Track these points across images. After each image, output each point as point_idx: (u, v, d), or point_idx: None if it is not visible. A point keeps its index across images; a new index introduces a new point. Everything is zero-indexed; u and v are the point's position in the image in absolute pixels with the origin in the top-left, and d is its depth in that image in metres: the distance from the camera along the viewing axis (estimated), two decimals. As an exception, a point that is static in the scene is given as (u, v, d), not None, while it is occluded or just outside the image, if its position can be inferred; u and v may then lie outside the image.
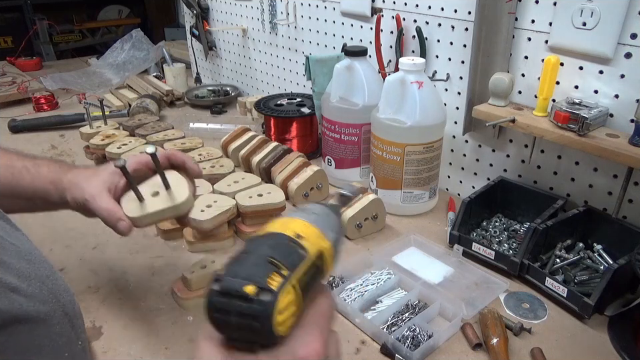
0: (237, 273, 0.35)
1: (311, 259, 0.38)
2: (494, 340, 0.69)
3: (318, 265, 0.39)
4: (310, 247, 0.38)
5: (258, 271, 0.34)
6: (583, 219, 0.87)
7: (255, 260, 0.35)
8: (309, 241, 0.39)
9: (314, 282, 0.39)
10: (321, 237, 0.40)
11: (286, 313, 0.35)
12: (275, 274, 0.35)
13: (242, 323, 0.34)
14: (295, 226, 0.39)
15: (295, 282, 0.36)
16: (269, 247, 0.37)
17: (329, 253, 0.40)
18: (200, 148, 1.25)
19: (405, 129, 0.96)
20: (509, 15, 0.91)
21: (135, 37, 1.98)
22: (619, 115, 0.82)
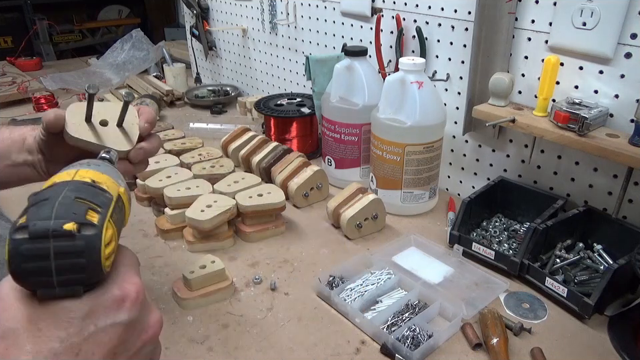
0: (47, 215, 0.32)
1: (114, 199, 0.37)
2: (494, 340, 0.69)
3: (121, 207, 0.39)
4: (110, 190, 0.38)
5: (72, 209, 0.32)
6: (582, 219, 0.87)
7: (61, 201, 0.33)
8: (107, 185, 0.38)
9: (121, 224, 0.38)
10: (115, 183, 0.40)
11: (110, 247, 0.34)
12: (90, 211, 0.33)
13: (63, 264, 0.31)
14: (86, 174, 0.38)
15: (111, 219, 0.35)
16: (71, 190, 0.34)
17: (125, 197, 0.40)
18: (200, 148, 1.25)
19: (405, 129, 0.96)
20: (509, 15, 0.91)
21: (135, 37, 1.98)
22: (619, 115, 0.82)
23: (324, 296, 0.81)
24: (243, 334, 0.74)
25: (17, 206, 0.37)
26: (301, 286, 0.84)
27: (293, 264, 0.90)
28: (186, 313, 0.78)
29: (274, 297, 0.82)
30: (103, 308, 0.34)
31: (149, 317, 0.38)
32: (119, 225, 0.38)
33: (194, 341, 0.72)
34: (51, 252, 0.31)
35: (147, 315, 0.38)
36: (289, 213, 1.05)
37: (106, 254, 0.33)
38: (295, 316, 0.78)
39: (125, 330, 0.35)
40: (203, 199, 0.95)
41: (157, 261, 0.91)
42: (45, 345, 0.32)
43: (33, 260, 0.31)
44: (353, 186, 1.01)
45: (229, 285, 0.81)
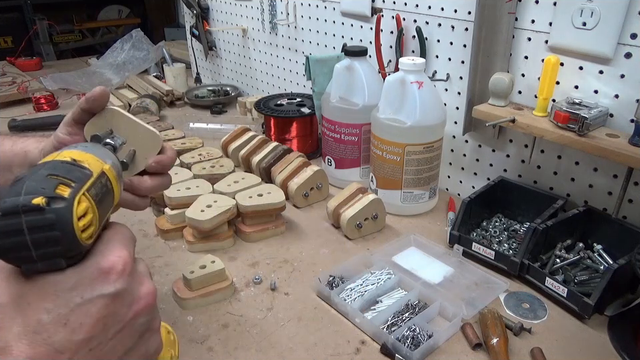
0: (16, 192, 0.32)
1: (96, 175, 0.37)
2: (494, 340, 0.69)
3: (105, 183, 0.38)
4: (91, 168, 0.38)
5: (42, 185, 0.33)
6: (583, 219, 0.87)
7: (33, 178, 0.33)
8: (88, 163, 0.38)
9: (106, 200, 0.38)
10: (99, 161, 0.39)
11: (85, 220, 0.34)
12: (61, 185, 0.33)
13: (39, 238, 0.32)
14: (67, 154, 0.38)
15: (85, 192, 0.35)
16: (46, 169, 0.35)
17: (112, 174, 0.40)
18: (200, 148, 1.25)
19: (405, 129, 0.96)
20: (508, 14, 0.91)
21: (135, 36, 1.98)
22: (619, 115, 0.82)
23: (324, 296, 0.81)
24: (242, 334, 0.74)
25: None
26: (301, 286, 0.84)
27: (292, 264, 0.90)
28: (186, 313, 0.78)
29: (274, 296, 0.82)
30: (88, 280, 0.35)
31: (140, 289, 0.38)
32: (103, 201, 0.38)
33: (194, 341, 0.72)
34: (24, 227, 0.32)
35: (138, 286, 0.38)
36: (289, 213, 1.05)
37: (80, 226, 0.34)
38: (295, 316, 0.78)
39: (113, 301, 0.35)
40: (203, 199, 0.95)
41: (157, 260, 0.91)
42: (33, 316, 0.33)
43: (8, 235, 0.32)
44: (352, 186, 1.01)
45: (229, 285, 0.81)
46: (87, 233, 0.35)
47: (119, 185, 0.41)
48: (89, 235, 0.35)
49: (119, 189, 0.41)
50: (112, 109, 0.57)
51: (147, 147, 0.58)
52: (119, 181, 0.42)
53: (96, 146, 0.43)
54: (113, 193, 0.40)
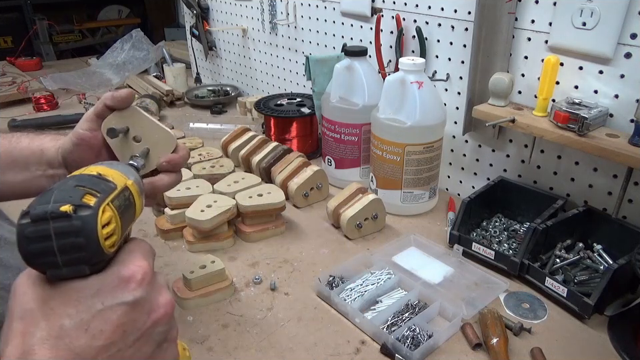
0: (46, 201, 0.34)
1: (120, 188, 0.39)
2: (494, 340, 0.69)
3: (128, 197, 0.40)
4: (115, 182, 0.39)
5: (69, 194, 0.35)
6: (582, 219, 0.87)
7: (61, 188, 0.35)
8: (113, 177, 0.40)
9: (128, 212, 0.40)
10: (123, 176, 0.41)
11: (109, 228, 0.36)
12: (87, 195, 0.35)
13: (65, 244, 0.33)
14: (93, 169, 0.40)
15: (111, 203, 0.37)
16: (74, 180, 0.37)
17: (135, 189, 0.42)
18: (200, 148, 1.25)
19: (405, 129, 0.96)
20: (508, 14, 0.91)
21: (135, 36, 1.98)
22: (619, 115, 0.82)
23: (324, 296, 0.81)
24: (242, 334, 0.74)
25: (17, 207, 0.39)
26: (301, 286, 0.84)
27: (292, 264, 0.90)
28: (186, 313, 0.78)
29: (274, 297, 0.82)
30: (109, 287, 0.36)
31: (159, 298, 0.39)
32: (126, 213, 0.39)
33: (194, 341, 0.72)
34: (52, 232, 0.33)
35: (157, 295, 0.39)
36: (289, 213, 1.05)
37: (104, 234, 0.35)
38: (295, 316, 0.78)
39: (132, 309, 0.37)
40: (203, 199, 0.95)
41: (157, 261, 0.91)
42: (56, 321, 0.34)
43: (36, 241, 0.33)
44: (352, 186, 1.01)
45: (229, 285, 0.81)
46: (109, 242, 0.36)
47: (140, 199, 0.43)
48: (112, 244, 0.36)
49: (140, 204, 0.43)
50: (130, 107, 0.58)
51: (161, 146, 0.59)
52: (141, 195, 0.43)
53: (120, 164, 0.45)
54: (135, 207, 0.42)
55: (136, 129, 0.58)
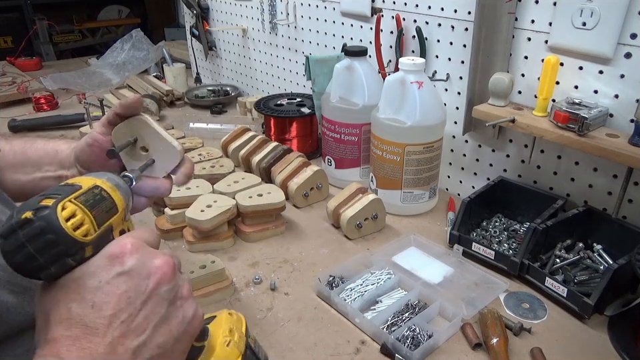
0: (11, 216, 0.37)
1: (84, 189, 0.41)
2: (494, 340, 0.69)
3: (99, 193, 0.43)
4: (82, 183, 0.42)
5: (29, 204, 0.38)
6: (582, 219, 0.87)
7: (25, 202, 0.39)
8: (81, 181, 0.43)
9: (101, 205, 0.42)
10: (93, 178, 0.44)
11: (75, 219, 0.38)
12: (46, 199, 0.38)
13: (39, 245, 0.36)
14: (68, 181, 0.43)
15: (72, 199, 0.39)
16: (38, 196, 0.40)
17: (107, 185, 0.44)
18: (200, 148, 1.25)
19: (405, 129, 0.96)
20: (508, 15, 0.91)
21: (135, 36, 1.98)
22: (619, 115, 0.82)
23: (324, 296, 0.81)
24: (242, 334, 0.74)
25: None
26: (301, 286, 0.84)
27: (292, 264, 0.90)
28: (186, 313, 0.78)
29: (274, 296, 0.82)
30: (102, 266, 0.39)
31: (154, 261, 0.41)
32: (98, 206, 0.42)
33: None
34: (23, 240, 0.36)
35: (151, 259, 0.41)
36: (289, 213, 1.05)
37: (70, 225, 0.38)
38: (295, 316, 0.78)
39: (130, 277, 0.39)
40: (203, 199, 0.95)
41: (157, 261, 0.91)
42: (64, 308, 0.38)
43: (15, 252, 0.36)
44: (352, 186, 1.01)
45: (229, 285, 0.81)
46: (80, 231, 0.38)
47: (117, 193, 0.45)
48: (84, 232, 0.39)
49: (119, 197, 0.45)
50: (139, 118, 0.59)
51: (167, 159, 0.60)
52: (118, 190, 0.45)
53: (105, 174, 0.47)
54: (112, 200, 0.44)
55: (144, 140, 0.59)
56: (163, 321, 0.40)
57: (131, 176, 0.53)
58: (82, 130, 1.34)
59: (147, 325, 0.39)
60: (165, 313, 0.41)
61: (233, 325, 0.50)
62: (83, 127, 1.35)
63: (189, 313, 0.43)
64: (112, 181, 0.46)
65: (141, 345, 0.39)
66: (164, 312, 0.41)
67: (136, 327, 0.39)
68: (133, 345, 0.38)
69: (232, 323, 0.51)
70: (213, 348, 0.47)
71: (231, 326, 0.50)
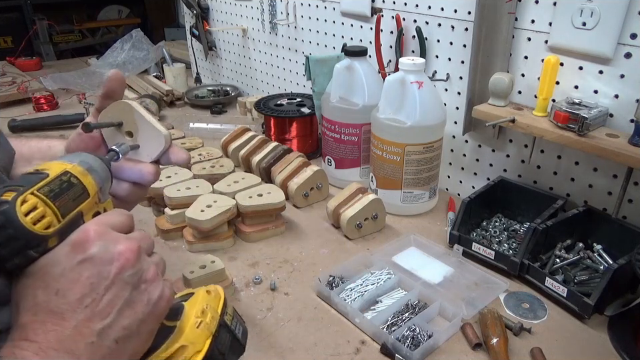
0: None
1: (51, 177, 0.41)
2: (494, 340, 0.69)
3: (67, 180, 0.43)
4: (50, 170, 0.42)
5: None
6: (582, 219, 0.87)
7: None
8: (50, 168, 0.42)
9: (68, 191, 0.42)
10: (62, 163, 0.44)
11: (35, 214, 0.38)
12: (7, 192, 0.38)
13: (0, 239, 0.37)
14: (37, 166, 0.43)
15: (35, 191, 0.39)
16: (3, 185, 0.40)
17: (77, 170, 0.44)
18: (200, 148, 1.25)
19: (405, 129, 0.96)
20: (508, 15, 0.91)
21: (135, 36, 1.98)
22: (619, 115, 0.82)
23: (324, 296, 0.81)
24: (242, 334, 0.74)
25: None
26: (301, 286, 0.84)
27: (292, 264, 0.90)
28: (186, 313, 0.78)
29: (274, 296, 0.82)
30: (65, 254, 0.40)
31: (117, 247, 0.42)
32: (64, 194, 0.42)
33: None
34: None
35: (114, 245, 0.42)
36: (289, 213, 1.05)
37: (29, 219, 0.38)
38: (295, 316, 0.78)
39: (92, 263, 0.41)
40: (203, 199, 0.95)
41: (157, 261, 0.91)
42: (31, 298, 0.39)
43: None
44: (352, 186, 1.01)
45: (229, 285, 0.81)
46: (41, 224, 0.39)
47: (89, 177, 0.45)
48: (46, 225, 0.39)
49: (90, 181, 0.45)
50: (124, 101, 0.59)
51: (152, 144, 0.59)
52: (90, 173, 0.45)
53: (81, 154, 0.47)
54: (82, 185, 0.44)
55: (129, 124, 0.59)
56: (127, 304, 0.42)
57: (117, 149, 0.52)
58: (82, 130, 1.34)
59: (111, 309, 0.41)
60: (128, 296, 0.42)
61: (207, 304, 0.49)
62: (83, 127, 1.35)
63: (154, 295, 0.44)
64: (84, 164, 0.45)
65: (106, 327, 0.40)
66: (127, 295, 0.42)
67: (100, 310, 0.40)
68: (98, 328, 0.40)
69: (207, 301, 0.50)
70: (183, 329, 0.46)
71: (204, 305, 0.49)
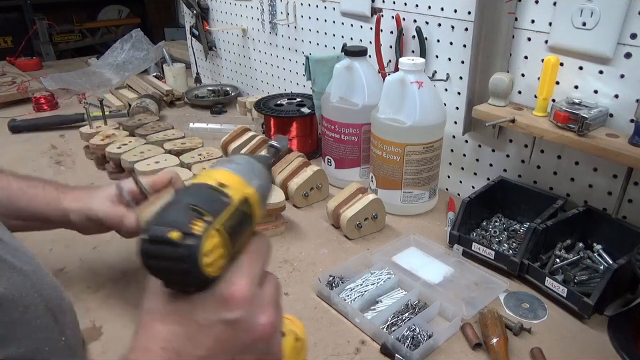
0: (162, 220, 0.37)
1: (234, 205, 0.40)
2: (494, 340, 0.69)
3: (244, 210, 0.41)
4: (233, 194, 0.40)
5: (181, 218, 0.37)
6: (582, 219, 0.87)
7: (178, 208, 0.38)
8: (232, 188, 0.40)
9: (242, 227, 0.41)
10: (244, 184, 0.42)
11: (213, 255, 0.37)
12: (197, 220, 0.37)
13: (173, 266, 0.36)
14: (217, 175, 0.41)
15: (220, 226, 0.38)
16: (191, 195, 0.39)
17: (254, 198, 0.42)
18: (200, 148, 1.25)
19: (404, 129, 0.96)
20: (508, 14, 0.91)
21: (135, 37, 1.98)
22: (619, 115, 0.82)
23: (324, 296, 0.81)
24: (242, 334, 0.74)
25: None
26: (301, 286, 0.84)
27: (292, 264, 0.90)
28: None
29: (274, 296, 0.82)
30: (211, 305, 0.39)
31: (260, 317, 0.41)
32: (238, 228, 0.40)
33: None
34: (162, 254, 0.36)
35: (258, 315, 0.41)
36: (288, 213, 1.05)
37: (205, 262, 0.37)
38: (295, 316, 0.77)
39: (232, 327, 0.39)
40: (203, 199, 0.95)
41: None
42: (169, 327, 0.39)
43: (151, 258, 0.37)
44: (352, 186, 1.01)
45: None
46: (212, 268, 0.38)
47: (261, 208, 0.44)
48: (217, 268, 0.38)
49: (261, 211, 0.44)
50: None
51: None
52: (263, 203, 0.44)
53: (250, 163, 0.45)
54: (252, 217, 0.43)
55: None
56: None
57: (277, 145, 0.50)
58: (82, 130, 1.34)
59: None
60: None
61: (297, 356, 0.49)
62: (83, 127, 1.35)
63: None
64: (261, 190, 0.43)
65: None
66: None
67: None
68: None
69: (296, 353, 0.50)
70: None
71: None
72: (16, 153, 1.37)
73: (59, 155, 1.36)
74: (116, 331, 0.74)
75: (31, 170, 1.27)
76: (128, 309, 0.79)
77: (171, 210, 0.38)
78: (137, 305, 0.80)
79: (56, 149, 1.40)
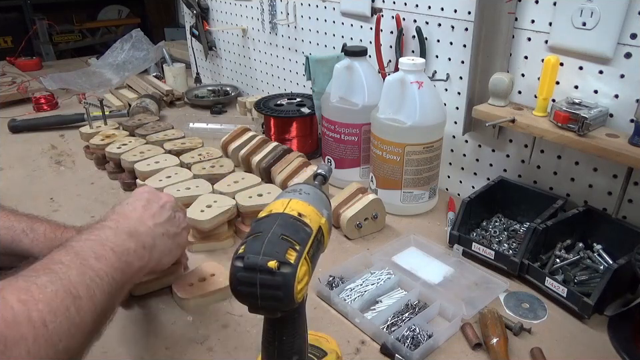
0: (258, 250, 0.39)
1: (314, 234, 0.43)
2: (494, 340, 0.69)
3: (320, 239, 0.44)
4: (312, 224, 0.43)
5: (276, 248, 0.39)
6: (582, 219, 0.87)
7: (270, 238, 0.40)
8: (310, 218, 0.43)
9: (318, 254, 0.44)
10: (318, 214, 0.45)
11: (302, 282, 0.40)
12: (290, 249, 0.39)
13: (266, 293, 0.39)
14: (296, 206, 0.44)
15: (307, 255, 0.41)
16: (279, 226, 0.41)
17: (326, 227, 0.46)
18: (200, 148, 1.25)
19: (404, 129, 0.96)
20: (508, 14, 0.91)
21: (135, 36, 1.98)
22: (619, 115, 0.82)
23: (324, 296, 0.81)
24: (242, 334, 0.74)
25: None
26: (301, 286, 0.84)
27: (292, 264, 0.90)
28: (186, 313, 0.78)
29: (274, 297, 0.82)
30: None
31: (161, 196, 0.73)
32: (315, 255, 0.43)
33: (194, 341, 0.72)
34: (257, 282, 0.39)
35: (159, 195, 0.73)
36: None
37: (298, 289, 0.39)
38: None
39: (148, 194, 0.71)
40: (203, 199, 0.95)
41: (157, 261, 0.91)
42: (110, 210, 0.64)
43: (245, 285, 0.40)
44: (352, 186, 1.01)
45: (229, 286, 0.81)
46: (301, 294, 0.40)
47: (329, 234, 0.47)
48: (303, 294, 0.41)
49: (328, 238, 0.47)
50: None
51: None
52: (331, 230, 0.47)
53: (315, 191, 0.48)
54: (324, 245, 0.46)
55: None
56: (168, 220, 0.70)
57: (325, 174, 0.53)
58: (82, 130, 1.34)
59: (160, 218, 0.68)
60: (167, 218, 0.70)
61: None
62: (83, 127, 1.35)
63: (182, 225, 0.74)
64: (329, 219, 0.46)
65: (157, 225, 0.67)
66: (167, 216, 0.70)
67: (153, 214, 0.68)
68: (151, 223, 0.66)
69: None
70: None
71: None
72: (16, 152, 1.37)
73: (59, 155, 1.36)
74: (116, 331, 0.74)
75: (31, 170, 1.27)
76: (128, 309, 0.79)
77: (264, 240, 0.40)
78: (137, 305, 0.80)
79: (56, 149, 1.40)
